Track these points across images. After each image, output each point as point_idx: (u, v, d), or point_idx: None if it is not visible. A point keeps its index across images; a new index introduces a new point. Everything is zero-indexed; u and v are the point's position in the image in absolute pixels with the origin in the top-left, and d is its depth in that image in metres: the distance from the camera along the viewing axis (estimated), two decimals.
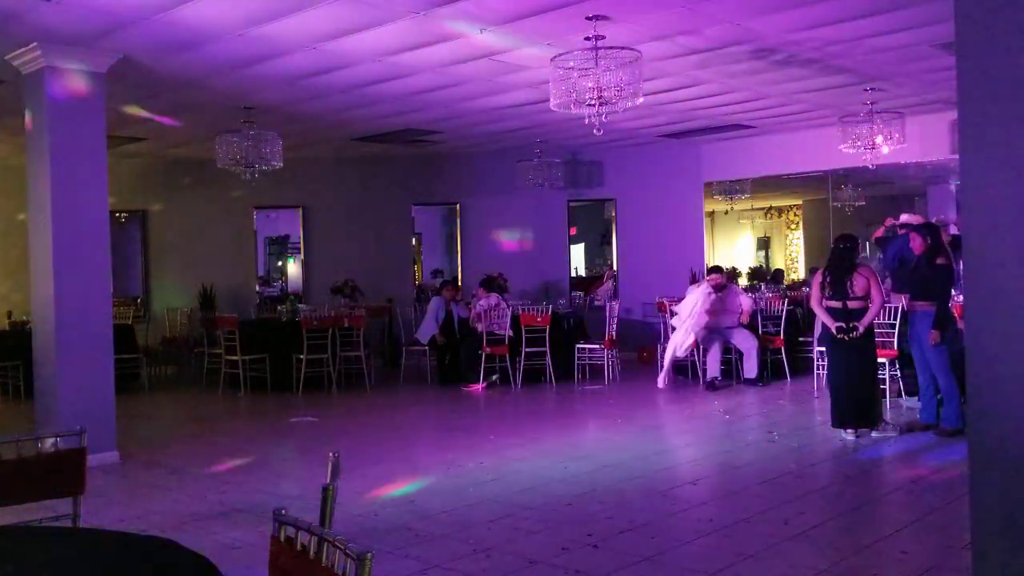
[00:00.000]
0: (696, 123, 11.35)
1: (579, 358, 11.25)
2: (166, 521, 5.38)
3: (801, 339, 10.82)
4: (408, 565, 4.46)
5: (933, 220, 8.61)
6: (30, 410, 7.81)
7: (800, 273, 15.93)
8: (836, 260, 7.39)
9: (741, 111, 10.59)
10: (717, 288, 10.48)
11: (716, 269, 10.97)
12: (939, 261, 7.24)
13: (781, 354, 10.59)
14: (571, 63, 6.57)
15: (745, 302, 10.54)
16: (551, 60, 6.67)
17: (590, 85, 6.50)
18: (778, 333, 10.60)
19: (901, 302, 8.69)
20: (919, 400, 7.75)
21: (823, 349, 8.82)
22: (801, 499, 5.57)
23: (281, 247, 15.83)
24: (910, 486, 5.97)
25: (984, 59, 3.11)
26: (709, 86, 9.11)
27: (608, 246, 14.61)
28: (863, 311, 7.22)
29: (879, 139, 9.40)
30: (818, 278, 7.52)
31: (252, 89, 8.66)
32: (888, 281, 9.23)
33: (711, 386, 10.27)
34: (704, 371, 10.54)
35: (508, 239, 13.84)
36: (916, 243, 7.38)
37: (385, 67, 7.94)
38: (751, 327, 10.56)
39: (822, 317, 7.53)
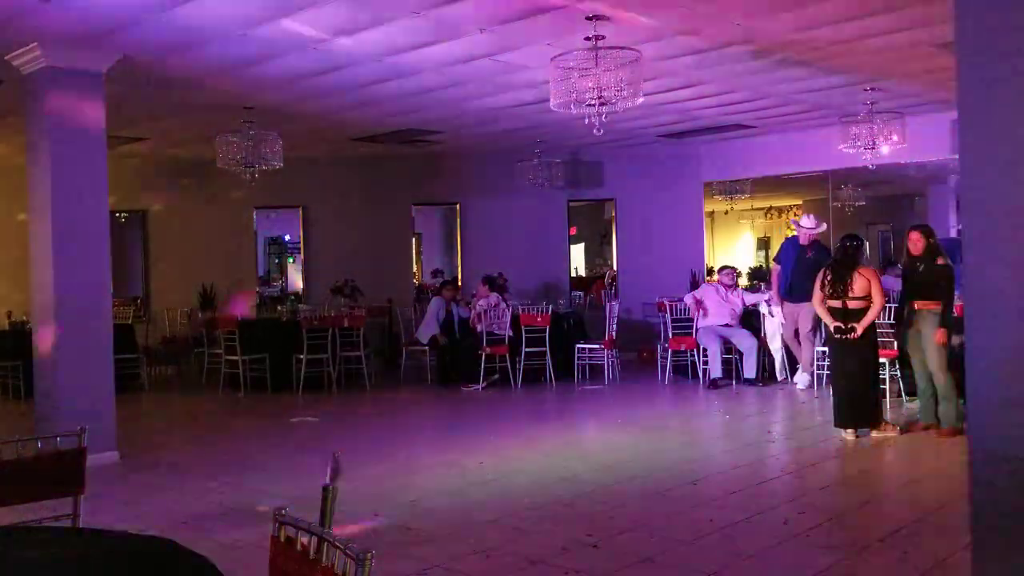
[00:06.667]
0: (696, 123, 11.35)
1: (579, 358, 11.25)
2: (166, 521, 5.37)
3: None
4: (408, 565, 4.46)
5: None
6: (30, 410, 7.81)
7: None
8: (839, 259, 7.41)
9: (741, 111, 10.59)
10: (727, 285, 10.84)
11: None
12: (940, 261, 7.24)
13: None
14: (571, 63, 6.57)
15: (748, 299, 10.72)
16: (551, 60, 6.67)
17: (590, 85, 6.50)
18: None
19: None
20: (919, 400, 7.74)
21: (824, 349, 8.84)
22: (801, 499, 5.57)
23: (281, 248, 15.84)
24: (910, 486, 5.97)
25: (984, 59, 3.11)
26: (709, 86, 9.11)
27: (608, 246, 14.62)
28: (863, 311, 7.23)
29: (879, 139, 9.41)
30: (821, 276, 7.53)
31: (252, 89, 8.67)
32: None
33: (712, 386, 10.28)
34: (704, 371, 10.54)
35: (508, 239, 13.82)
36: (918, 244, 7.35)
37: (385, 67, 7.94)
38: (751, 327, 10.57)
39: (822, 316, 7.56)
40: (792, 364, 10.36)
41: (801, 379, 9.98)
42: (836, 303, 7.31)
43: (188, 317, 13.07)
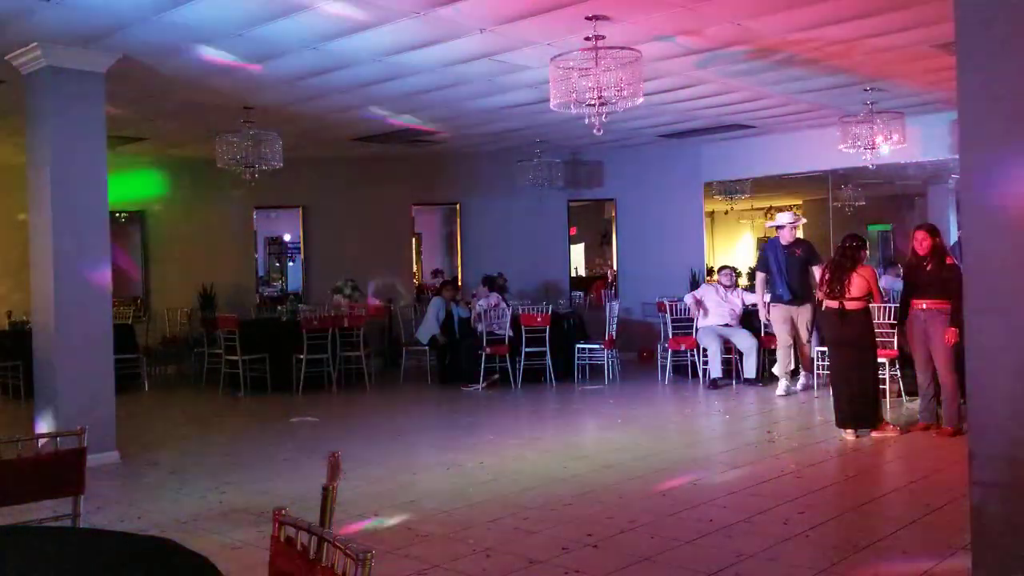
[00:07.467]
0: (696, 123, 11.35)
1: (579, 358, 11.25)
2: (166, 521, 5.38)
3: None
4: (408, 565, 4.46)
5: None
6: (30, 410, 7.81)
7: None
8: (839, 258, 7.42)
9: (741, 111, 10.58)
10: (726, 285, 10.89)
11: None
12: (949, 261, 7.24)
13: None
14: (571, 63, 6.57)
15: (748, 299, 10.72)
16: (551, 60, 6.67)
17: (590, 85, 6.50)
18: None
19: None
20: (919, 400, 7.74)
21: (824, 349, 8.84)
22: (801, 499, 5.57)
23: (281, 248, 15.83)
24: (910, 486, 5.97)
25: (984, 59, 3.11)
26: (709, 86, 9.10)
27: (608, 246, 14.61)
28: (860, 312, 7.24)
29: (879, 139, 9.41)
30: (820, 273, 7.55)
31: (252, 89, 8.66)
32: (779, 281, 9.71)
33: (713, 386, 10.28)
34: (704, 371, 10.54)
35: (508, 239, 13.82)
36: (924, 244, 7.34)
37: (385, 67, 7.94)
38: (751, 327, 10.57)
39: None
40: (771, 367, 10.30)
41: (802, 377, 9.94)
42: (833, 303, 7.32)
43: (188, 317, 13.07)
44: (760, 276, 10.10)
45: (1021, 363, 3.02)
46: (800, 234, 10.37)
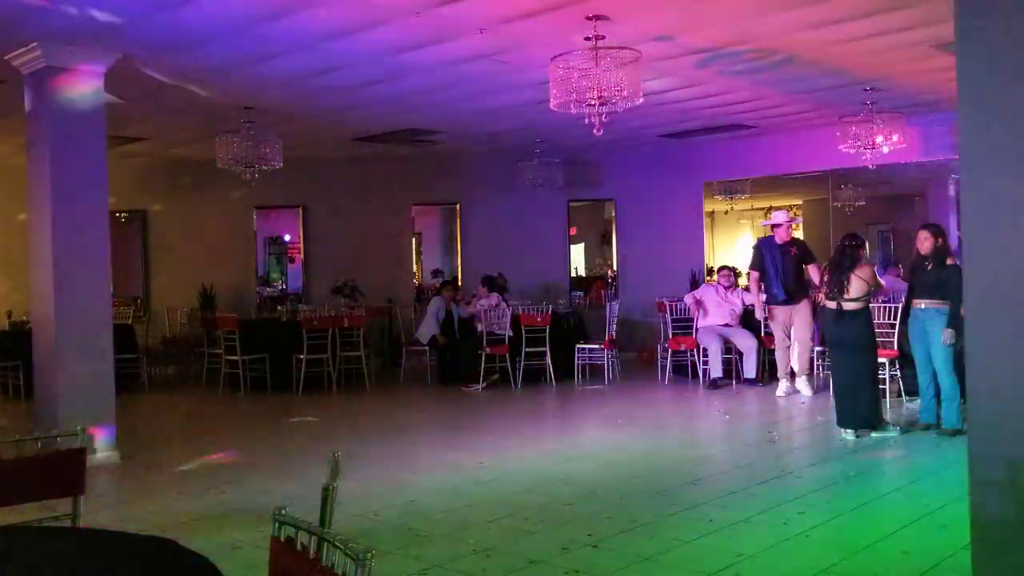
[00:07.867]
0: (696, 123, 11.35)
1: (579, 358, 11.24)
2: (166, 521, 5.37)
3: None
4: (408, 565, 4.46)
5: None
6: (30, 410, 7.82)
7: None
8: (838, 258, 7.42)
9: (741, 111, 10.59)
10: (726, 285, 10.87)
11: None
12: (950, 262, 7.24)
13: None
14: (571, 63, 6.57)
15: (748, 299, 10.69)
16: (551, 60, 6.67)
17: (590, 85, 6.50)
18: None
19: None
20: (919, 400, 7.74)
21: (824, 349, 8.84)
22: (801, 499, 5.57)
23: (281, 248, 15.83)
24: (910, 486, 5.96)
25: (984, 59, 3.11)
26: (709, 86, 9.10)
27: (608, 246, 14.62)
28: (859, 312, 7.24)
29: (879, 139, 9.41)
30: (820, 274, 7.55)
31: (252, 89, 8.66)
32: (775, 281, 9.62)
33: (713, 386, 10.27)
34: (704, 371, 10.54)
35: (508, 239, 13.82)
36: (925, 243, 7.34)
37: (385, 67, 7.94)
38: (751, 327, 10.57)
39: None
40: (774, 369, 10.17)
41: (801, 384, 9.81)
42: (831, 304, 7.32)
43: (188, 317, 13.07)
44: (754, 275, 10.04)
45: (1021, 363, 3.03)
46: (799, 233, 10.37)
